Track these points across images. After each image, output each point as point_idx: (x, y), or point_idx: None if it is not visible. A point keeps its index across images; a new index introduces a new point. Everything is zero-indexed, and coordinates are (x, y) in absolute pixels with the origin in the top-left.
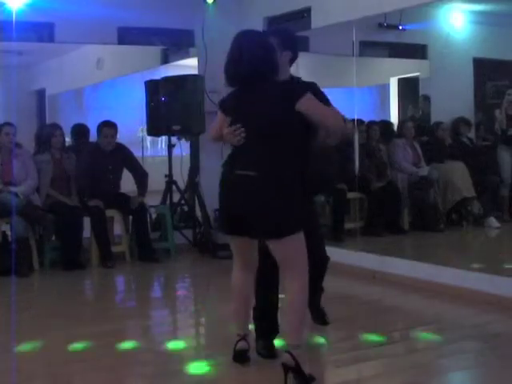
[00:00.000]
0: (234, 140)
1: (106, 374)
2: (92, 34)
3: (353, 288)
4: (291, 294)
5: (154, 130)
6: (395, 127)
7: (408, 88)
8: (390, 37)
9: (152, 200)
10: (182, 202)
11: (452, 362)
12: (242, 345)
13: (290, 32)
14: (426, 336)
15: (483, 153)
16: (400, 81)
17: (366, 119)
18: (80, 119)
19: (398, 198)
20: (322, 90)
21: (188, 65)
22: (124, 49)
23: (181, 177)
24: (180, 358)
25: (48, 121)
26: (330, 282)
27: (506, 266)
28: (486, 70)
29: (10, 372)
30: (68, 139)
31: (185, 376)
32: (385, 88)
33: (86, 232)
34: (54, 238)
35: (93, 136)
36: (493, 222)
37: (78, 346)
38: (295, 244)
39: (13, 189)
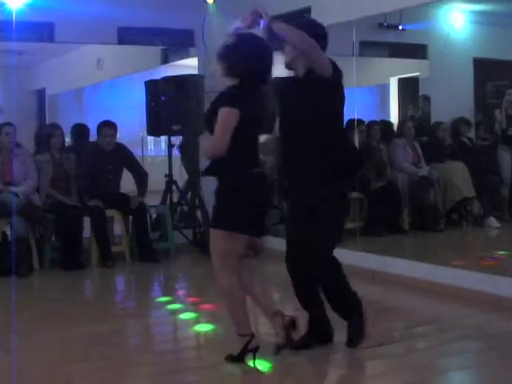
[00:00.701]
0: None
1: (105, 374)
2: (92, 34)
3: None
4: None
5: (154, 130)
6: (395, 127)
7: (408, 88)
8: (390, 37)
9: (152, 200)
10: (182, 201)
11: (452, 362)
12: (254, 343)
13: (312, 21)
14: (425, 336)
15: (483, 153)
16: (400, 81)
17: (366, 119)
18: (80, 119)
19: (398, 198)
20: None
21: (188, 65)
22: (124, 49)
23: (180, 177)
24: (180, 357)
25: (48, 121)
26: None
27: (506, 266)
28: (486, 70)
29: (10, 372)
30: (68, 139)
31: (185, 376)
32: (385, 88)
33: (86, 232)
34: (54, 238)
35: (93, 136)
36: (493, 221)
37: (77, 345)
38: None
39: (13, 189)
